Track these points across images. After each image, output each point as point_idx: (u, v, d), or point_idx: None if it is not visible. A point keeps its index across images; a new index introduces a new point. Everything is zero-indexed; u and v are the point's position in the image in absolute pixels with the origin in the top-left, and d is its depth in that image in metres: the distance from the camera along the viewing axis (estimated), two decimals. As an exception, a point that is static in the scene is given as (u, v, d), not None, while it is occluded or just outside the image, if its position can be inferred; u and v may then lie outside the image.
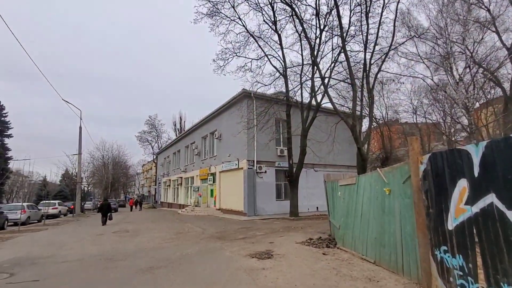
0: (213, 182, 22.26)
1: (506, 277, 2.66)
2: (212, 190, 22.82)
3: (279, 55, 15.55)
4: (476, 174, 3.05)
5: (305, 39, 14.69)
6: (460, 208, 3.32)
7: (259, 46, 15.47)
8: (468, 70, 19.31)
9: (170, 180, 35.61)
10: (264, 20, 15.01)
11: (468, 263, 3.18)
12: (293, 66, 16.10)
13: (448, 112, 22.58)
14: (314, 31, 14.86)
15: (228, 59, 15.49)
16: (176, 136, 40.94)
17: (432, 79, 20.39)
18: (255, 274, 5.13)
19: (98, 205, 22.24)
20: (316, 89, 15.33)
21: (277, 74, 15.58)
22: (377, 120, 23.62)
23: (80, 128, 26.34)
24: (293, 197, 15.32)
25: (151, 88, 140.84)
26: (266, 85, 15.58)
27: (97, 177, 44.26)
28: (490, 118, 22.15)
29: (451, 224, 3.48)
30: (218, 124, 22.22)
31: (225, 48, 15.38)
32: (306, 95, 16.75)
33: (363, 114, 16.08)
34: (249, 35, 15.26)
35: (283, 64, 15.41)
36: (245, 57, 15.78)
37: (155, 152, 48.95)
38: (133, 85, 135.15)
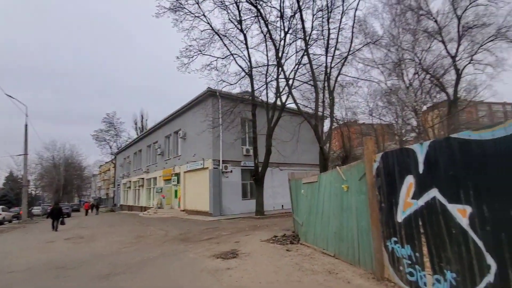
0: (178, 182, 21.57)
1: (449, 264, 2.97)
2: (176, 191, 22.11)
3: (244, 55, 15.58)
4: (421, 171, 3.36)
5: (270, 40, 14.90)
6: (407, 202, 3.63)
7: (225, 45, 15.32)
8: (417, 76, 21.28)
9: (130, 181, 33.71)
10: (229, 19, 14.91)
11: (416, 253, 3.49)
12: (259, 66, 16.25)
13: (399, 114, 24.63)
14: (279, 33, 15.16)
15: (192, 57, 15.09)
16: (137, 135, 38.87)
17: (386, 84, 22.02)
18: (220, 274, 5.08)
19: (48, 210, 20.22)
20: (281, 89, 15.64)
21: (243, 74, 15.60)
22: (338, 120, 24.86)
23: (26, 126, 23.72)
24: (259, 196, 15.48)
25: (111, 85, 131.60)
26: (231, 84, 15.50)
27: (47, 179, 40.23)
28: (436, 120, 24.61)
29: (400, 217, 3.79)
30: (182, 123, 21.57)
31: (189, 45, 14.96)
32: (272, 95, 17.04)
33: (325, 115, 16.80)
34: (214, 33, 15.02)
35: (248, 64, 15.48)
36: (210, 55, 15.52)
37: (114, 152, 45.90)
38: (90, 81, 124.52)
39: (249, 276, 4.88)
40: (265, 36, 15.15)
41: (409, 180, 3.57)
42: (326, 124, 18.96)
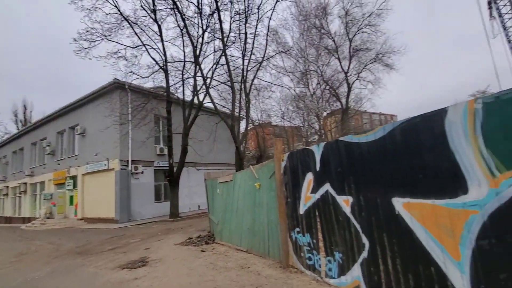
0: (74, 187, 18.36)
1: (337, 246, 3.53)
2: (72, 197, 18.77)
3: (158, 47, 14.54)
4: (318, 169, 3.88)
5: (187, 36, 14.38)
6: (307, 196, 4.13)
7: (136, 34, 13.91)
8: (319, 86, 24.57)
9: (8, 187, 26.69)
10: (141, 6, 13.63)
11: (313, 240, 4.01)
12: (175, 62, 15.47)
13: (306, 119, 27.88)
14: (197, 30, 14.82)
15: (95, 41, 13.12)
16: (18, 129, 31.13)
17: (294, 90, 24.50)
18: (125, 286, 4.60)
19: None
20: (199, 88, 15.34)
21: (157, 67, 14.52)
22: (253, 121, 26.19)
23: None
24: (174, 197, 14.76)
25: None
26: (143, 78, 14.20)
27: None
28: (333, 125, 28.89)
29: (302, 210, 4.29)
30: (81, 118, 18.47)
31: (92, 28, 12.95)
32: (189, 93, 16.52)
33: (241, 115, 17.40)
34: (122, 18, 13.46)
35: (163, 57, 14.52)
36: (118, 43, 13.84)
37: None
38: None
39: (160, 283, 4.60)
40: (181, 30, 14.54)
41: (309, 177, 4.08)
42: (242, 125, 19.68)
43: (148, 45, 14.26)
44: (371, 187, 2.96)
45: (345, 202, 3.35)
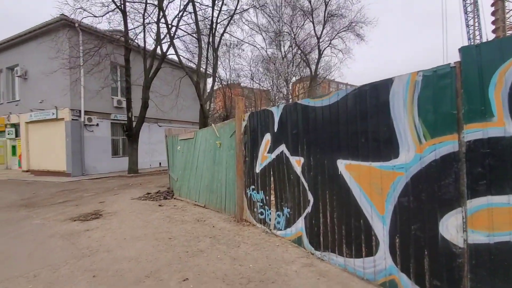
0: (16, 136, 16.63)
1: (287, 202, 3.81)
2: (14, 147, 17.10)
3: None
4: (275, 130, 3.98)
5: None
6: (264, 155, 4.28)
7: (87, -37, 11.87)
8: (291, 49, 24.08)
9: None
10: None
11: (266, 196, 4.26)
12: (135, 2, 13.73)
13: (275, 82, 27.67)
14: (162, -34, 13.04)
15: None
16: None
17: (266, 51, 23.76)
18: (76, 237, 4.55)
19: None
20: (162, 36, 14.03)
21: (113, 6, 12.75)
22: (221, 80, 25.32)
23: None
24: (132, 153, 14.24)
25: None
26: (96, 17, 12.45)
27: None
28: (301, 91, 29.18)
29: (258, 169, 4.46)
30: (21, 57, 16.05)
31: None
32: (151, 41, 15.04)
33: (208, 72, 16.63)
34: None
35: (121, -5, 12.74)
36: (65, -29, 11.72)
37: None
38: None
39: (113, 234, 4.63)
40: (143, -34, 12.72)
41: (267, 138, 4.19)
42: (209, 83, 18.91)
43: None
44: (321, 149, 3.15)
45: (297, 162, 3.55)
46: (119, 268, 3.26)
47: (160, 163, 19.18)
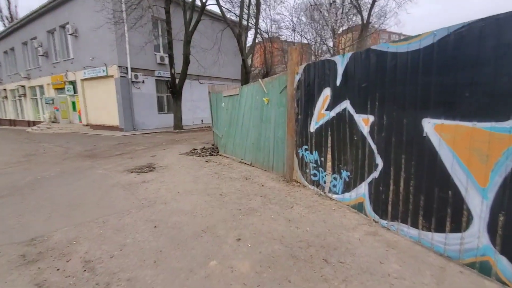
0: (74, 92, 18.04)
1: (346, 165, 3.45)
2: (74, 103, 18.70)
3: None
4: (338, 83, 3.46)
5: None
6: (321, 113, 3.85)
7: None
8: (340, -7, 21.20)
9: (6, 89, 26.39)
10: None
11: (321, 157, 3.93)
12: None
13: (319, 33, 25.25)
14: None
15: None
16: (5, 26, 28.60)
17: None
18: (134, 188, 4.84)
19: None
20: (201, -16, 13.13)
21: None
22: (262, 32, 23.80)
23: None
24: (177, 109, 14.62)
25: None
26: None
27: None
28: (347, 43, 26.35)
29: (313, 127, 4.08)
30: (70, 15, 16.56)
31: None
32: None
33: (250, 24, 15.56)
34: None
35: None
36: None
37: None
38: None
39: (167, 187, 4.82)
40: None
41: (326, 93, 3.70)
42: (249, 37, 17.86)
43: None
44: (399, 106, 2.63)
45: (364, 121, 3.08)
46: (177, 221, 3.35)
47: (202, 120, 19.67)
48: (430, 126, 2.37)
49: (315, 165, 4.10)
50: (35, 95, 22.51)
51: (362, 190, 3.19)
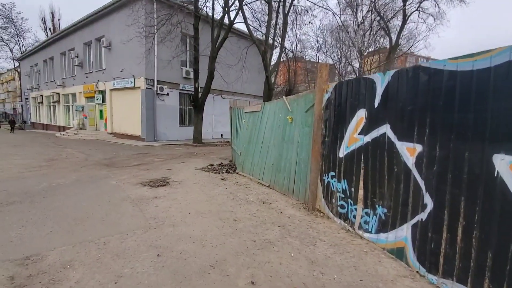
0: (103, 101, 18.77)
1: (382, 200, 2.93)
2: (101, 111, 19.42)
3: None
4: (376, 105, 3.02)
5: None
6: (354, 137, 3.39)
7: None
8: (369, 14, 20.95)
9: (42, 95, 28.18)
10: None
11: (351, 187, 3.43)
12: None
13: (344, 54, 24.94)
14: None
15: None
16: (47, 37, 30.98)
17: (339, 17, 21.20)
18: (145, 204, 4.55)
19: None
20: (230, 3, 13.41)
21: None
22: (287, 51, 23.88)
23: None
24: (198, 123, 14.64)
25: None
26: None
27: None
28: (374, 65, 25.75)
29: (342, 152, 3.61)
30: (106, 28, 17.53)
31: None
32: (218, 9, 14.61)
33: (275, 42, 15.59)
34: None
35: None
36: None
37: (16, 57, 36.61)
38: None
39: (178, 206, 4.48)
40: None
41: (361, 115, 3.26)
42: (275, 54, 17.89)
43: None
44: (459, 136, 2.14)
45: (408, 151, 2.59)
46: (184, 250, 2.96)
47: (222, 135, 19.61)
48: (504, 164, 1.85)
49: (343, 195, 3.59)
50: (67, 102, 23.75)
51: (404, 233, 2.65)
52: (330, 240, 3.26)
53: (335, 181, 3.75)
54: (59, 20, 39.57)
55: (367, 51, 23.82)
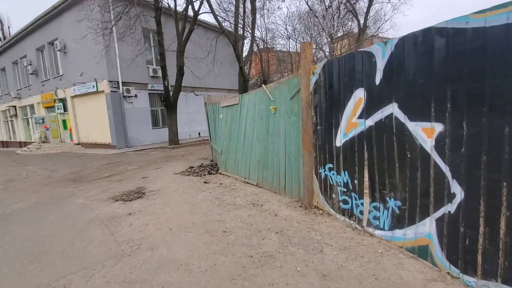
0: (65, 110, 17.17)
1: (394, 191, 2.52)
2: (64, 121, 17.80)
3: None
4: (377, 81, 2.57)
5: None
6: (352, 122, 2.95)
7: None
8: (335, -2, 20.80)
9: (-4, 111, 25.52)
10: None
11: (354, 180, 3.00)
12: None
13: (314, 40, 24.76)
14: None
15: None
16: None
17: (307, 3, 20.86)
18: (116, 224, 3.87)
19: None
20: (193, -7, 12.50)
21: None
22: (258, 40, 23.22)
23: None
24: (172, 123, 13.74)
25: None
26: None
27: None
28: (343, 49, 25.82)
29: (339, 141, 3.17)
30: (58, 30, 15.88)
31: None
32: (181, 1, 13.62)
33: (245, 31, 14.90)
34: None
35: None
36: None
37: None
38: None
39: (157, 221, 3.85)
40: None
41: (359, 95, 2.81)
42: (246, 44, 17.22)
43: None
44: (496, 108, 1.73)
45: (425, 132, 2.17)
46: (166, 282, 2.39)
47: (199, 133, 18.79)
48: None
49: (345, 189, 3.16)
50: (26, 115, 21.63)
51: (426, 228, 2.25)
52: (338, 243, 2.83)
53: (333, 174, 3.31)
54: (9, 27, 35.90)
55: (337, 35, 23.82)
